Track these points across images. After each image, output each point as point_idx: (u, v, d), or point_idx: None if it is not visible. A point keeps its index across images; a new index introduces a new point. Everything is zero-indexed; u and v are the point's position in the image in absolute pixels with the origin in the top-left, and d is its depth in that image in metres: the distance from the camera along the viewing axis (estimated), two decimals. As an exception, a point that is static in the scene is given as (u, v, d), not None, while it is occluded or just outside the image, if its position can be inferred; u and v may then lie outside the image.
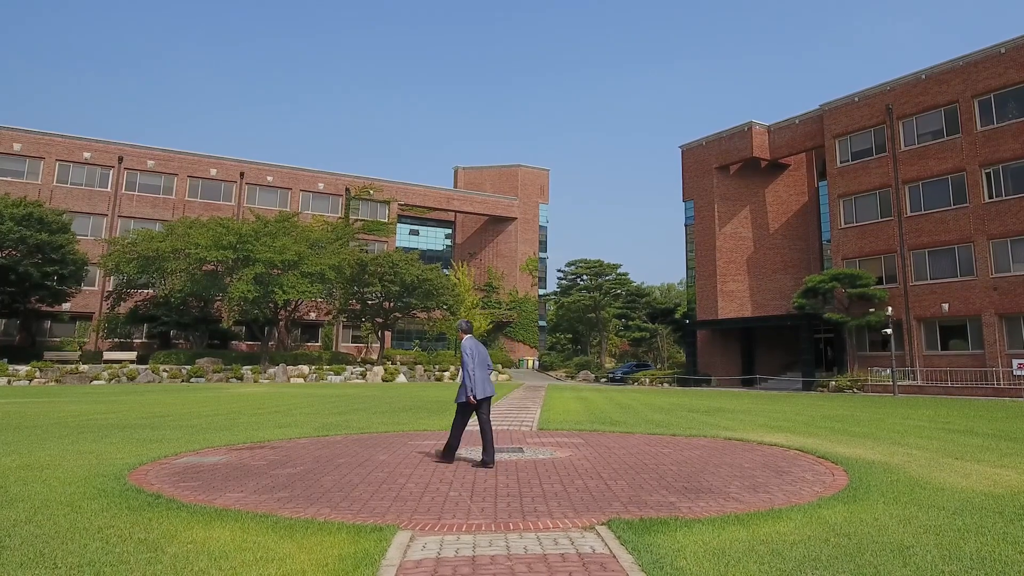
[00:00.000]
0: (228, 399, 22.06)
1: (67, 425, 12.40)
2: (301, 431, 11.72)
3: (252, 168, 53.15)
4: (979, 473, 7.67)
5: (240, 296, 36.78)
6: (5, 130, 45.71)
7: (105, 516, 5.12)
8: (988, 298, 31.11)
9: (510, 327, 63.09)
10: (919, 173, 34.40)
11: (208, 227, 40.10)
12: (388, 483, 6.60)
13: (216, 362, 40.19)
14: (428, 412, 16.58)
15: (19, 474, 6.98)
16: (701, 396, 26.35)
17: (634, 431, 12.21)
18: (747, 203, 43.84)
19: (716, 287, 42.68)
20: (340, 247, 43.29)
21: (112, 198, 48.05)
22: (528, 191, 65.83)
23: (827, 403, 21.25)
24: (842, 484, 6.94)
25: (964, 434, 11.77)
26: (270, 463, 7.76)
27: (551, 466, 7.78)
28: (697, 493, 6.31)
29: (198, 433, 11.25)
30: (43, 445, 9.40)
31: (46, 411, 16.14)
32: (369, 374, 42.50)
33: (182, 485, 6.39)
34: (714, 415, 16.25)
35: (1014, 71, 31.25)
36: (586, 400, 22.63)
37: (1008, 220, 30.85)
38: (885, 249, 35.53)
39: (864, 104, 37.21)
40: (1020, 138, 30.73)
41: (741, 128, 42.67)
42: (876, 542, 4.66)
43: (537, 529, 4.93)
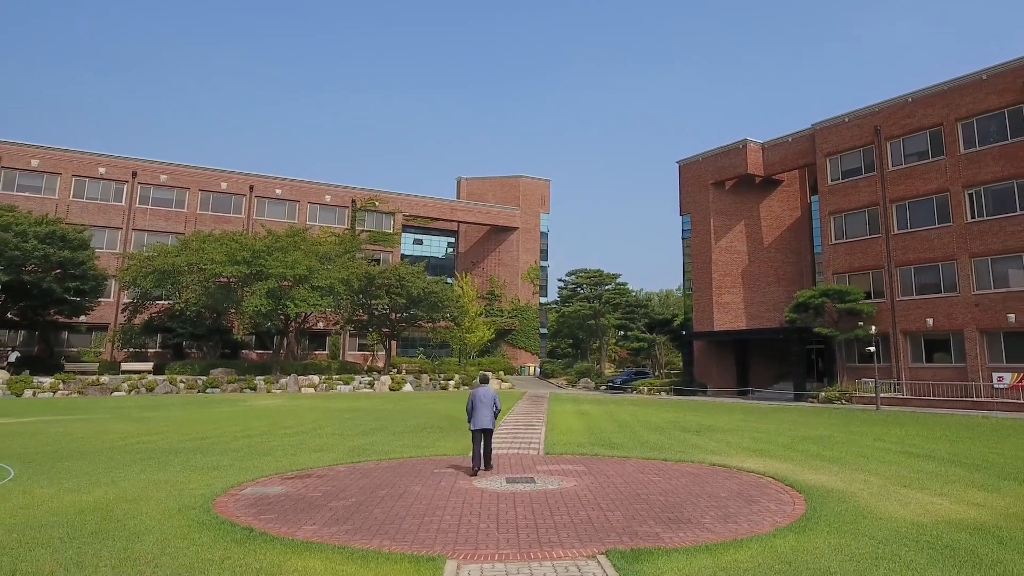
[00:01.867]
0: (251, 415, 23.56)
1: (125, 450, 13.89)
2: (335, 456, 13.23)
3: (261, 181, 54.68)
4: (917, 502, 9.18)
5: (254, 310, 38.32)
6: (23, 147, 47.22)
7: (219, 548, 6.62)
8: (970, 314, 32.63)
9: (512, 334, 64.61)
10: (905, 192, 35.91)
11: (221, 242, 41.65)
12: (428, 515, 8.11)
13: (230, 372, 41.72)
14: (441, 432, 18.07)
15: (122, 507, 8.47)
16: (695, 410, 27.84)
17: (630, 455, 13.71)
18: (742, 217, 45.35)
19: (712, 299, 44.19)
20: (348, 260, 44.81)
21: (126, 212, 49.56)
22: (529, 201, 67.35)
23: (811, 420, 22.75)
24: (799, 513, 8.44)
25: (922, 459, 13.27)
26: (325, 495, 9.26)
27: (559, 497, 9.29)
28: (678, 523, 7.82)
29: (245, 459, 12.75)
30: (120, 474, 10.89)
31: (92, 431, 17.63)
32: (377, 383, 43.97)
33: (263, 517, 7.89)
34: (704, 435, 17.76)
35: (995, 97, 32.76)
36: (586, 416, 24.14)
37: (989, 239, 32.35)
38: (873, 265, 37.05)
39: (854, 124, 38.73)
40: (1000, 161, 32.25)
41: (736, 145, 44.18)
42: (809, 568, 6.16)
43: (552, 558, 6.43)
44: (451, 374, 48.33)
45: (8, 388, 34.27)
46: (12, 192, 46.10)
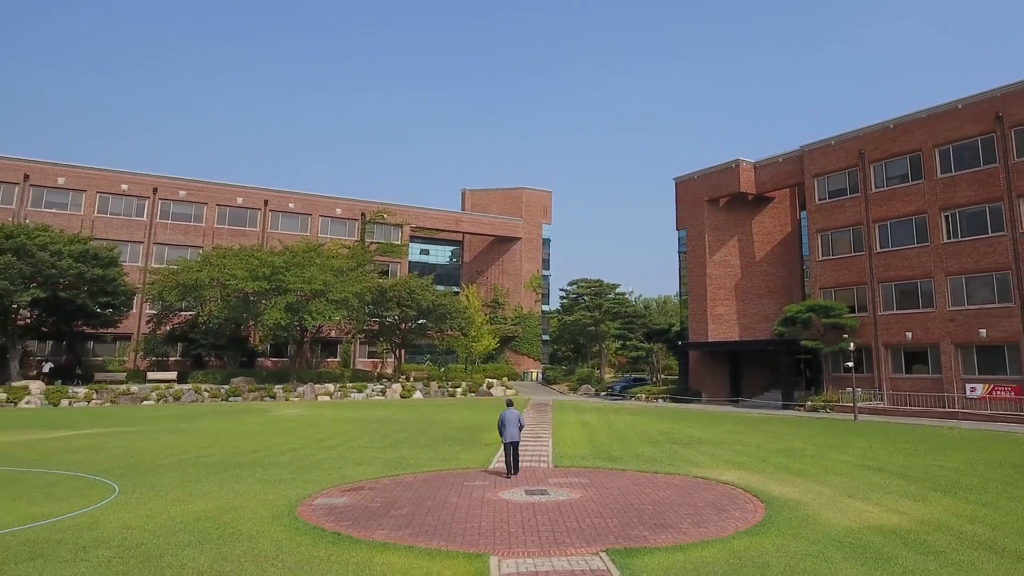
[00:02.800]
0: (283, 426, 25.89)
1: (195, 464, 16.21)
2: (376, 470, 15.54)
3: (275, 196, 57.04)
4: (854, 510, 11.51)
5: (274, 323, 40.68)
6: (50, 165, 49.56)
7: (320, 548, 8.94)
8: (946, 328, 34.99)
9: (515, 341, 66.95)
10: (887, 213, 38.27)
11: (241, 257, 44.00)
12: (469, 522, 10.44)
13: (250, 381, 44.09)
14: (460, 445, 20.39)
15: (226, 516, 10.79)
16: (688, 420, 30.17)
17: (627, 467, 16.05)
18: (735, 233, 47.69)
19: (706, 311, 46.53)
20: (361, 274, 47.16)
21: (148, 227, 51.92)
22: (532, 212, 69.69)
23: (790, 432, 25.08)
24: (758, 520, 10.77)
25: (874, 471, 15.60)
26: (383, 505, 11.59)
27: (568, 507, 11.62)
28: (662, 528, 10.14)
29: (301, 472, 15.07)
30: (206, 487, 13.21)
31: (152, 445, 19.93)
32: (388, 391, 46.33)
33: (341, 524, 10.22)
34: (692, 447, 20.10)
35: (969, 125, 35.10)
36: (588, 427, 26.48)
37: (963, 259, 34.71)
38: (857, 281, 39.40)
39: (839, 148, 41.07)
40: (974, 186, 34.59)
41: (729, 165, 46.50)
42: (754, 562, 8.48)
43: (566, 555, 8.75)
44: (458, 381, 50.68)
45: (46, 398, 36.64)
46: (40, 209, 48.47)
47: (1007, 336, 32.67)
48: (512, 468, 14.66)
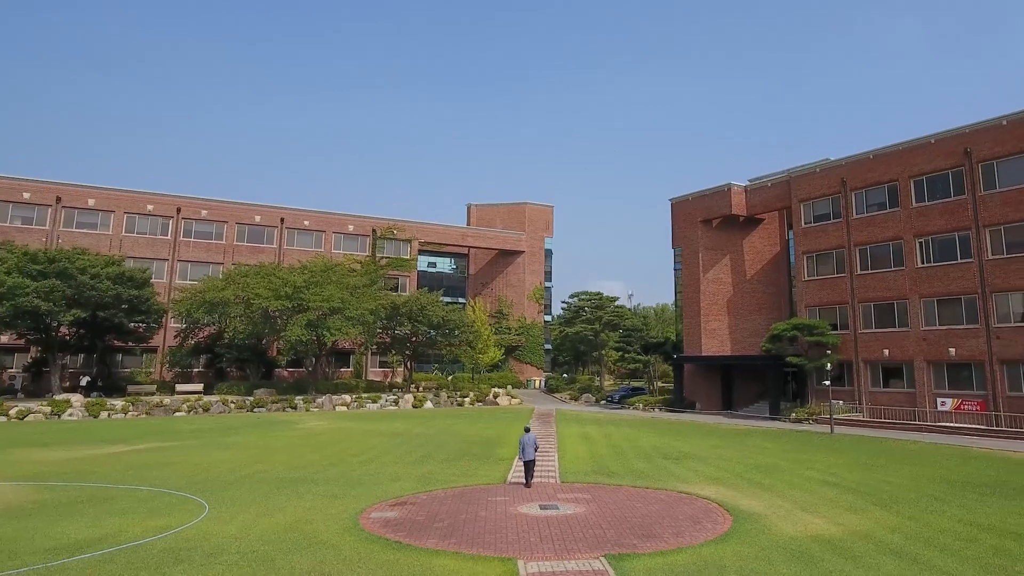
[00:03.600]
0: (316, 441, 28.79)
1: (257, 480, 19.10)
2: (412, 486, 18.43)
3: (291, 214, 59.97)
4: (803, 522, 14.40)
5: (296, 339, 43.60)
6: (80, 187, 52.50)
7: (388, 554, 11.85)
8: (919, 347, 37.90)
9: (519, 350, 69.91)
10: (867, 238, 41.17)
11: (263, 276, 46.87)
12: (498, 532, 13.34)
13: (271, 393, 47.03)
14: (478, 460, 23.29)
15: (305, 528, 13.68)
16: (680, 433, 33.07)
17: (622, 483, 18.95)
18: (727, 252, 50.60)
19: (700, 326, 49.45)
20: (375, 291, 50.07)
21: (172, 244, 54.86)
22: (534, 226, 72.63)
23: (769, 446, 27.97)
24: (724, 531, 13.67)
25: (831, 486, 18.50)
26: (427, 518, 14.50)
27: (574, 520, 14.52)
28: (649, 538, 13.04)
29: (350, 488, 17.96)
30: (276, 502, 16.11)
31: (209, 461, 22.82)
32: (401, 401, 49.22)
33: (399, 534, 13.12)
34: (681, 462, 23.01)
35: (941, 159, 38.01)
36: (588, 440, 29.38)
37: (935, 283, 37.62)
38: (840, 301, 42.32)
39: (824, 175, 43.97)
40: (945, 215, 37.49)
41: (721, 188, 49.39)
42: (714, 565, 11.38)
43: (575, 558, 11.66)
44: (466, 391, 53.56)
45: (86, 410, 39.55)
46: (72, 229, 51.43)
47: (974, 355, 35.57)
48: (529, 478, 18.34)
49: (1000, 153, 35.42)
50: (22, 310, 38.04)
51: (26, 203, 50.41)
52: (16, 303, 37.66)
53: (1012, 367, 34.28)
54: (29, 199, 50.42)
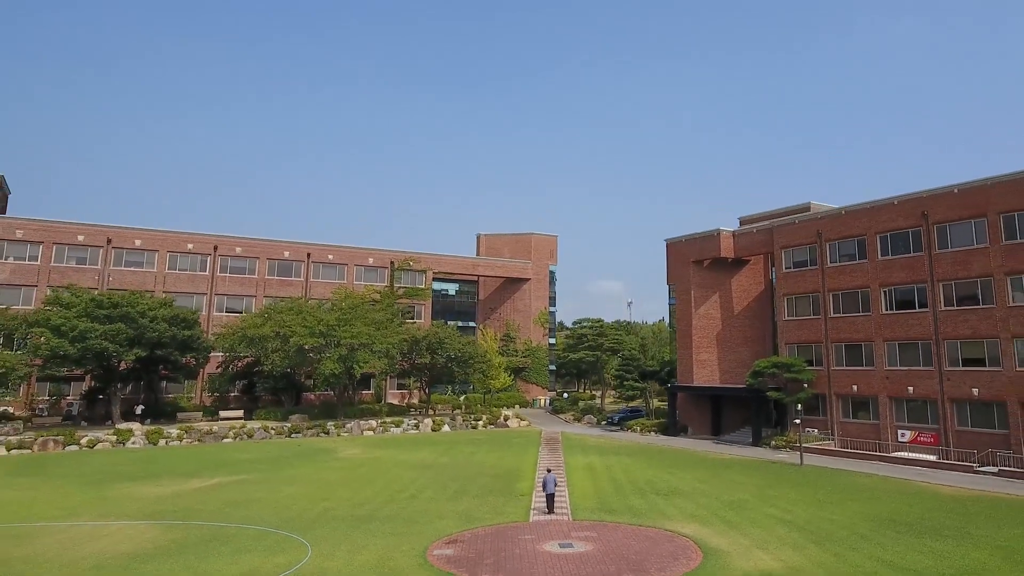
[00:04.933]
0: (361, 474, 33.84)
1: (331, 518, 24.18)
2: (456, 524, 23.48)
3: (316, 249, 65.13)
4: (756, 558, 19.48)
5: (329, 372, 48.74)
6: (128, 229, 57.64)
7: (458, 585, 16.96)
8: (882, 384, 43.03)
9: (525, 371, 75.04)
10: (839, 285, 46.29)
11: (295, 312, 51.97)
12: (533, 566, 18.43)
13: (305, 419, 52.18)
14: (503, 496, 28.36)
15: (391, 562, 18.76)
16: (671, 464, 38.14)
17: (620, 521, 24.05)
18: (717, 289, 55.74)
19: (692, 357, 54.57)
20: (398, 326, 55.20)
21: (210, 279, 60.01)
22: (540, 255, 77.81)
23: (746, 480, 33.00)
24: (696, 565, 18.76)
25: (786, 524, 23.59)
26: (476, 555, 19.59)
27: (584, 556, 19.62)
28: (639, 571, 18.14)
29: (408, 525, 23.04)
30: (357, 541, 21.17)
31: (282, 498, 27.89)
32: (421, 425, 54.32)
33: (461, 569, 18.21)
34: (669, 498, 28.10)
35: (902, 219, 43.11)
36: (593, 473, 34.47)
37: (896, 328, 42.73)
38: (815, 340, 47.43)
39: (802, 227, 49.09)
40: (906, 269, 42.57)
41: (711, 233, 54.50)
42: (684, 594, 16.51)
43: (588, 589, 16.80)
44: (479, 414, 58.58)
45: (147, 439, 44.64)
46: (121, 267, 56.59)
47: (929, 394, 40.70)
48: (550, 509, 24.25)
49: (951, 218, 40.55)
50: (91, 351, 43.14)
51: (80, 245, 55.55)
52: (86, 345, 42.78)
53: (960, 405, 39.42)
54: (83, 241, 55.55)
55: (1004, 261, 37.93)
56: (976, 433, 38.50)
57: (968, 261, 39.62)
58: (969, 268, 39.53)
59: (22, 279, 53.50)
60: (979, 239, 39.27)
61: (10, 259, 53.56)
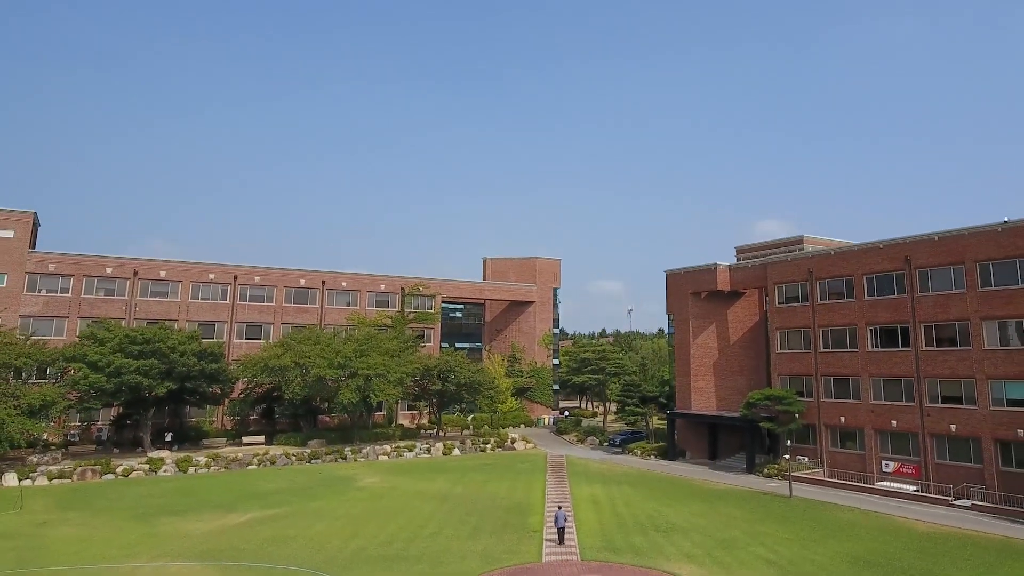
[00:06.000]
0: (384, 507, 36.63)
1: (365, 559, 27.01)
2: (478, 565, 26.29)
3: (330, 277, 68.03)
4: (742, 602, 22.36)
5: (347, 401, 51.60)
6: (153, 261, 60.59)
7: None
8: (868, 417, 45.87)
9: (530, 391, 77.91)
10: (828, 321, 49.15)
11: (313, 342, 54.82)
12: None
13: (323, 444, 55.05)
14: (516, 532, 31.16)
15: (425, 607, 21.62)
16: (670, 496, 40.94)
17: (624, 561, 26.90)
18: (714, 320, 58.59)
19: (690, 384, 57.43)
20: (410, 354, 58.06)
21: (231, 308, 62.90)
22: (544, 278, 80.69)
23: (739, 512, 35.84)
24: (689, 609, 21.65)
25: (767, 563, 26.41)
26: (499, 599, 22.49)
27: (594, 599, 22.54)
28: (641, 616, 21.03)
29: (438, 566, 25.86)
30: (393, 582, 24.05)
31: (315, 535, 30.74)
32: (432, 449, 57.14)
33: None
34: (669, 535, 30.94)
35: (887, 262, 45.96)
36: (598, 506, 37.29)
37: (881, 365, 45.57)
38: (806, 372, 50.27)
39: (794, 265, 51.94)
40: (890, 309, 45.41)
41: (709, 267, 57.37)
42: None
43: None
44: (487, 437, 61.37)
45: (177, 466, 47.48)
46: (147, 298, 59.50)
47: (910, 427, 43.54)
48: (561, 540, 27.81)
49: (932, 263, 43.40)
50: (127, 385, 46.01)
51: (108, 277, 58.46)
52: (122, 380, 45.65)
53: (939, 439, 42.27)
54: (111, 273, 58.46)
55: (980, 306, 40.79)
56: (954, 466, 41.35)
57: (947, 305, 42.47)
58: (948, 311, 42.37)
59: (54, 311, 56.38)
60: (957, 284, 42.11)
61: (43, 292, 56.45)
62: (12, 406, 41.92)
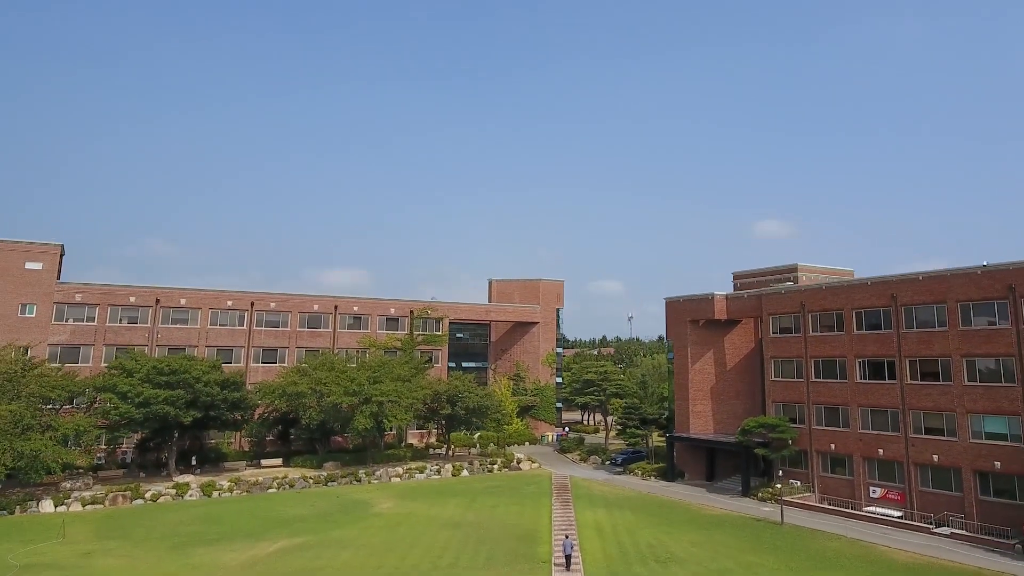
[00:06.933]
0: (401, 535, 39.20)
1: (392, 591, 29.65)
2: (494, 597, 28.97)
3: (343, 302, 70.68)
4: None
5: (362, 427, 54.22)
6: (174, 290, 63.20)
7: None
8: (856, 445, 48.48)
9: (534, 409, 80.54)
10: (819, 352, 51.76)
11: (328, 369, 57.42)
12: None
13: (338, 465, 57.63)
14: (530, 563, 33.72)
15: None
16: (669, 522, 43.50)
17: (628, 594, 29.52)
18: (711, 346, 61.22)
19: (688, 408, 60.05)
20: (420, 379, 60.67)
21: (247, 333, 65.49)
22: (547, 299, 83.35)
23: (733, 541, 38.39)
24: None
25: (760, 598, 29.05)
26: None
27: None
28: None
29: (456, 600, 28.51)
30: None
31: (342, 566, 33.33)
32: (443, 471, 59.73)
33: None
34: (668, 565, 33.52)
35: (874, 299, 48.59)
36: (602, 534, 39.87)
37: (869, 395, 48.18)
38: (799, 400, 52.89)
39: (788, 297, 54.57)
40: (877, 343, 48.01)
41: (706, 296, 60.00)
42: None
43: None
44: (494, 458, 63.94)
45: (202, 491, 50.05)
46: (169, 325, 62.10)
47: (896, 456, 46.15)
48: (568, 567, 30.46)
49: (916, 301, 46.04)
50: (155, 415, 48.61)
51: (132, 306, 61.06)
52: (150, 410, 48.25)
53: (923, 468, 44.87)
54: (135, 302, 61.08)
55: (960, 344, 43.42)
56: (936, 494, 43.96)
57: (930, 341, 45.09)
58: (931, 347, 44.99)
59: (81, 339, 58.97)
60: (940, 323, 44.74)
61: (70, 320, 59.03)
62: (49, 437, 44.51)
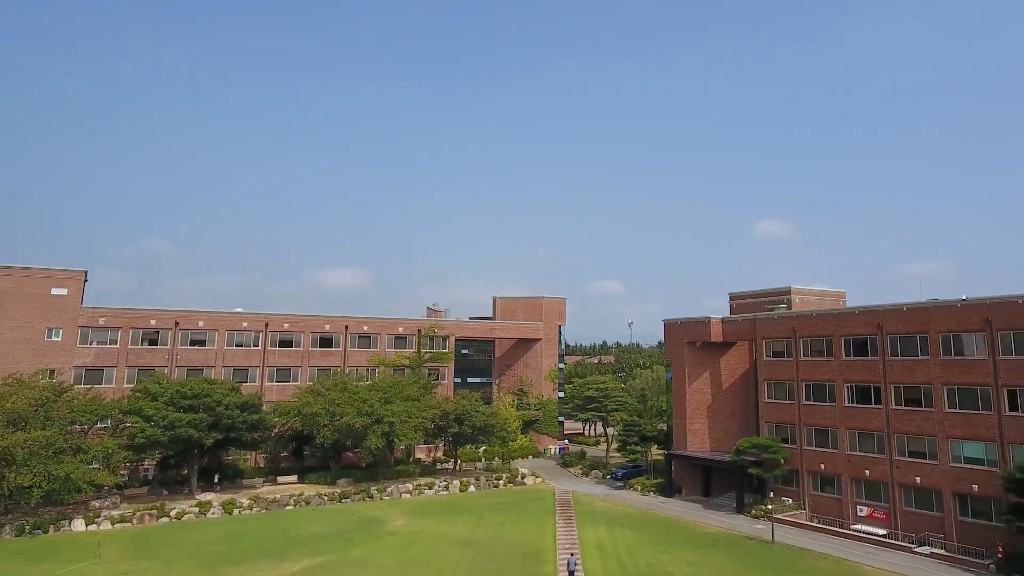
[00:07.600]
0: (416, 554, 41.76)
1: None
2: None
3: (353, 321, 73.31)
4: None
5: (375, 447, 56.85)
6: (192, 312, 65.85)
7: None
8: (844, 465, 51.10)
9: (536, 423, 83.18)
10: (810, 376, 54.39)
11: (341, 389, 60.08)
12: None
13: (351, 482, 60.28)
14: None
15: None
16: (667, 541, 46.09)
17: (628, 614, 32.13)
18: (708, 367, 63.84)
19: (686, 426, 62.66)
20: (429, 398, 63.31)
21: (262, 354, 68.11)
22: (550, 316, 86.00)
23: (725, 560, 40.99)
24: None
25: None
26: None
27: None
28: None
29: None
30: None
31: (364, 586, 35.95)
32: (450, 487, 62.35)
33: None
34: (664, 586, 36.16)
35: (862, 327, 51.21)
36: (603, 553, 42.46)
37: (856, 419, 50.79)
38: (791, 421, 55.51)
39: (780, 323, 57.20)
40: (864, 369, 50.62)
41: (703, 319, 62.62)
42: None
43: None
44: (500, 474, 66.57)
45: (223, 508, 52.69)
46: (187, 346, 64.74)
47: (881, 477, 48.76)
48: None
49: (901, 331, 48.65)
50: (179, 437, 51.24)
51: (152, 328, 63.69)
52: (175, 433, 50.88)
53: (907, 489, 47.48)
54: (155, 325, 63.71)
55: (941, 373, 46.04)
56: (919, 514, 46.57)
57: (914, 369, 47.71)
58: (915, 375, 47.62)
59: (104, 361, 61.59)
60: (923, 352, 47.35)
61: (94, 343, 61.66)
62: (80, 459, 47.15)
